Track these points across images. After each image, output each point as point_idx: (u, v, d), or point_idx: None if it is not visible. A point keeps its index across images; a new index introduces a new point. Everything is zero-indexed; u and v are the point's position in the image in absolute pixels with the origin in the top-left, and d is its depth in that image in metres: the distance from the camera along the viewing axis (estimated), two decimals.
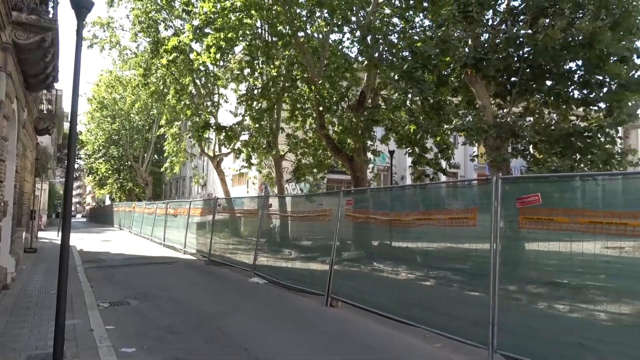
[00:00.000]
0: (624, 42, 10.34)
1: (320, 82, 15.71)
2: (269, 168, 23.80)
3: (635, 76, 10.24)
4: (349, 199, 8.95)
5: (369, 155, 17.40)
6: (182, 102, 22.30)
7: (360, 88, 16.36)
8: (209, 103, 23.41)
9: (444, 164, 15.37)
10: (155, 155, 42.99)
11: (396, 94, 13.71)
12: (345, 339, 6.62)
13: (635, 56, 10.74)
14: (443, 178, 17.95)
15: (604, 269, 5.76)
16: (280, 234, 13.12)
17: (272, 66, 18.32)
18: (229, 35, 16.10)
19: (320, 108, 16.71)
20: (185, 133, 28.90)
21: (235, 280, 11.90)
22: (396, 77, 12.52)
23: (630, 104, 10.30)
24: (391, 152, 22.31)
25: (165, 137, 30.18)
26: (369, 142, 16.73)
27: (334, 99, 16.85)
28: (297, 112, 18.85)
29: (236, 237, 15.76)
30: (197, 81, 23.05)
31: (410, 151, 14.89)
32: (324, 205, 9.90)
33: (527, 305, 6.48)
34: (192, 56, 19.60)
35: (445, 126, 13.43)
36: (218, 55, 17.36)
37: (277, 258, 12.31)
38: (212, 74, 22.24)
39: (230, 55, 19.90)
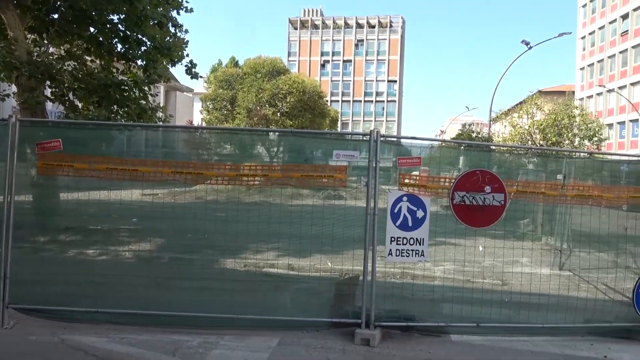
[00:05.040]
0: (161, 9, 11.40)
1: None
2: None
3: (168, 42, 11.55)
4: None
5: None
6: None
7: None
8: None
9: None
10: None
11: None
12: None
13: (170, 24, 12.11)
14: None
15: (137, 213, 6.35)
16: None
17: None
18: None
19: None
20: None
21: None
22: None
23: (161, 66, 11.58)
24: None
25: None
26: None
27: None
28: None
29: None
30: None
31: None
32: None
33: (50, 254, 6.34)
34: None
35: None
36: None
37: None
38: None
39: None
